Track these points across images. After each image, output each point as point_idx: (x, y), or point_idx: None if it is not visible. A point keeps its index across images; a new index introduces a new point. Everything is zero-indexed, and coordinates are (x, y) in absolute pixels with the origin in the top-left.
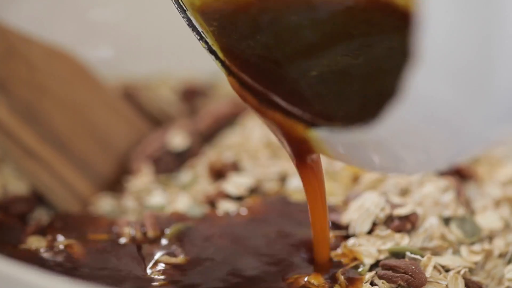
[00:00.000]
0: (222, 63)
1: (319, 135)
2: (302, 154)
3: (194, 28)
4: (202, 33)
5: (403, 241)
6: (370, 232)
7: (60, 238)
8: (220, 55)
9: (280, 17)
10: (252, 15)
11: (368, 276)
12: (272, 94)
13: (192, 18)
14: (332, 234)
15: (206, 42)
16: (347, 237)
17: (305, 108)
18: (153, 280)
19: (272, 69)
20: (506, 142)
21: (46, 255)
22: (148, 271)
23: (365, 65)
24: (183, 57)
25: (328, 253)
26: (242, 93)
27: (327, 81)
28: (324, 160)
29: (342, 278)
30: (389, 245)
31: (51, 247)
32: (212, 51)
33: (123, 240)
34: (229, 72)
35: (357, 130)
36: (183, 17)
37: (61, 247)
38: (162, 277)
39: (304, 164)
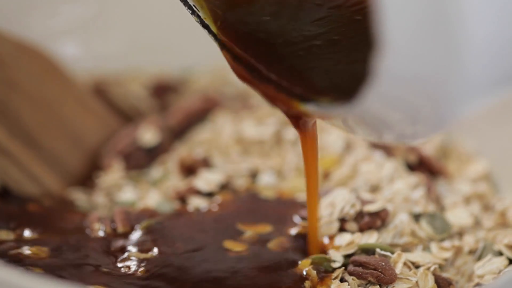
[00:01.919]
0: (215, 37)
1: (309, 108)
2: (297, 119)
3: (185, 2)
4: (194, 7)
5: (373, 237)
6: (340, 228)
7: (28, 232)
8: (213, 29)
9: None
10: None
11: (338, 272)
12: (263, 68)
13: None
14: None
15: (198, 16)
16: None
17: (295, 82)
18: (122, 275)
19: (263, 43)
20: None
21: (13, 248)
22: (118, 266)
23: (338, 41)
24: (154, 53)
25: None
26: (235, 67)
27: (312, 55)
28: (296, 156)
29: (313, 273)
30: (359, 241)
31: (18, 240)
32: (204, 25)
33: (92, 235)
34: (222, 46)
35: (342, 106)
36: None
37: (29, 241)
38: (131, 272)
39: (300, 126)
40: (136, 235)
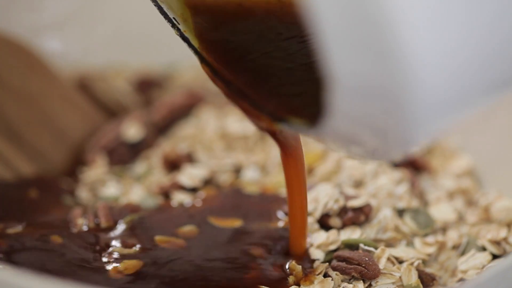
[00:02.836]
0: (195, 50)
1: (281, 127)
2: (274, 135)
3: (165, 16)
4: (174, 20)
5: (356, 233)
6: (323, 223)
7: (11, 226)
8: (195, 43)
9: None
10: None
11: (322, 267)
12: (241, 84)
13: (163, 5)
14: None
15: (179, 29)
16: None
17: (268, 100)
18: (105, 270)
19: (242, 60)
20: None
21: None
22: (101, 260)
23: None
24: (138, 48)
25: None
26: (214, 80)
27: (281, 77)
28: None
29: (298, 268)
30: (342, 236)
31: (1, 235)
32: (184, 38)
33: (76, 230)
34: (202, 59)
35: (310, 127)
36: (154, 5)
37: (12, 235)
38: (114, 266)
39: (282, 145)
40: (119, 230)
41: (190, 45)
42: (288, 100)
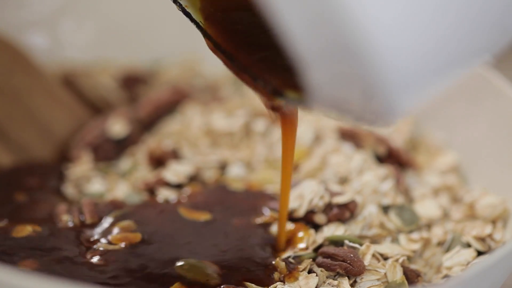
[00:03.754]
0: (198, 25)
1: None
2: (275, 108)
3: None
4: None
5: (341, 229)
6: (308, 220)
7: None
8: (198, 18)
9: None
10: None
11: (307, 263)
12: (242, 58)
13: None
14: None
15: (180, 4)
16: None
17: (267, 74)
18: (91, 265)
19: (244, 34)
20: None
21: None
22: (85, 257)
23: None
24: (123, 44)
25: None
26: (216, 53)
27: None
28: (265, 148)
29: (282, 265)
30: (327, 233)
31: None
32: (186, 13)
33: (61, 226)
34: (205, 33)
35: (302, 100)
36: None
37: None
38: (100, 263)
39: (278, 112)
40: (103, 226)
41: (192, 19)
42: (283, 74)
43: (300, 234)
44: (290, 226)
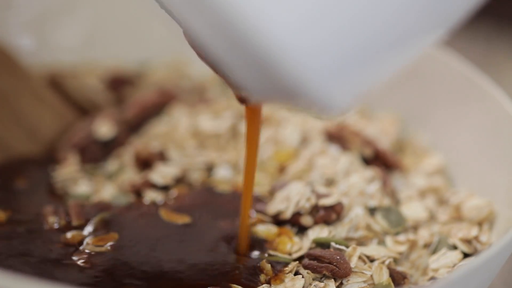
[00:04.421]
0: None
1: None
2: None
3: None
4: None
5: (327, 231)
6: (295, 222)
7: None
8: None
9: None
10: None
11: (293, 265)
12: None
13: None
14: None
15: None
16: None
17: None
18: (77, 267)
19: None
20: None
21: None
22: (71, 258)
23: None
24: (110, 45)
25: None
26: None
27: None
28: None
29: (267, 267)
30: (313, 235)
31: None
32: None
33: (46, 228)
34: None
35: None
36: None
37: None
38: (86, 265)
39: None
40: (90, 228)
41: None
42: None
43: (285, 241)
44: (274, 230)
